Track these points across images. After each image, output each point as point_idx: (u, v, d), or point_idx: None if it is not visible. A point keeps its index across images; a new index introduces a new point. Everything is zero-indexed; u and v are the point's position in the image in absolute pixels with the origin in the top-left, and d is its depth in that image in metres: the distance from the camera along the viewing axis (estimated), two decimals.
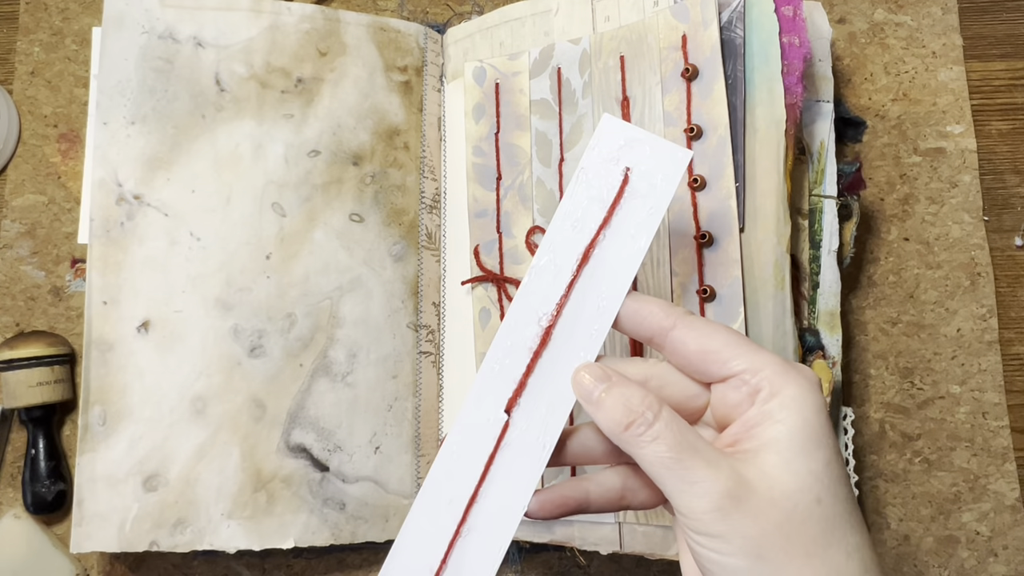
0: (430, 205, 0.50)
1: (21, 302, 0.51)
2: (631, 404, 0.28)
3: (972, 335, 0.48)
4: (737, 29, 0.41)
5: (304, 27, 0.49)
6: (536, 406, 0.31)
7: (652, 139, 0.32)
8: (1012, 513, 0.46)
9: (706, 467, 0.26)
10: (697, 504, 0.26)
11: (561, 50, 0.46)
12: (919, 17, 0.52)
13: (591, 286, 0.31)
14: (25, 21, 0.54)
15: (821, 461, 0.26)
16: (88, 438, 0.44)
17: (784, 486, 0.25)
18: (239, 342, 0.46)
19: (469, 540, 0.31)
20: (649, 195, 0.32)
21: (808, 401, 0.27)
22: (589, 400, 0.29)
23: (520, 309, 0.32)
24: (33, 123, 0.53)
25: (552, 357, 0.31)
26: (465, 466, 0.31)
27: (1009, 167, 0.50)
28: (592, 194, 0.32)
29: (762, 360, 0.27)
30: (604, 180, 0.32)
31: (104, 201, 0.46)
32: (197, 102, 0.47)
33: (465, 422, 0.31)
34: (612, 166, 0.32)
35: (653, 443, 0.27)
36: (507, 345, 0.31)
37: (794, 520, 0.25)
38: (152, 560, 0.48)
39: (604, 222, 0.32)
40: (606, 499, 0.31)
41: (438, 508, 0.31)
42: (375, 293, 0.48)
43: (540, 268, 0.32)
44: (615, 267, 0.31)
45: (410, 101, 0.50)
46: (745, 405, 0.28)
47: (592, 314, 0.31)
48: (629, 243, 0.31)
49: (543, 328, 0.31)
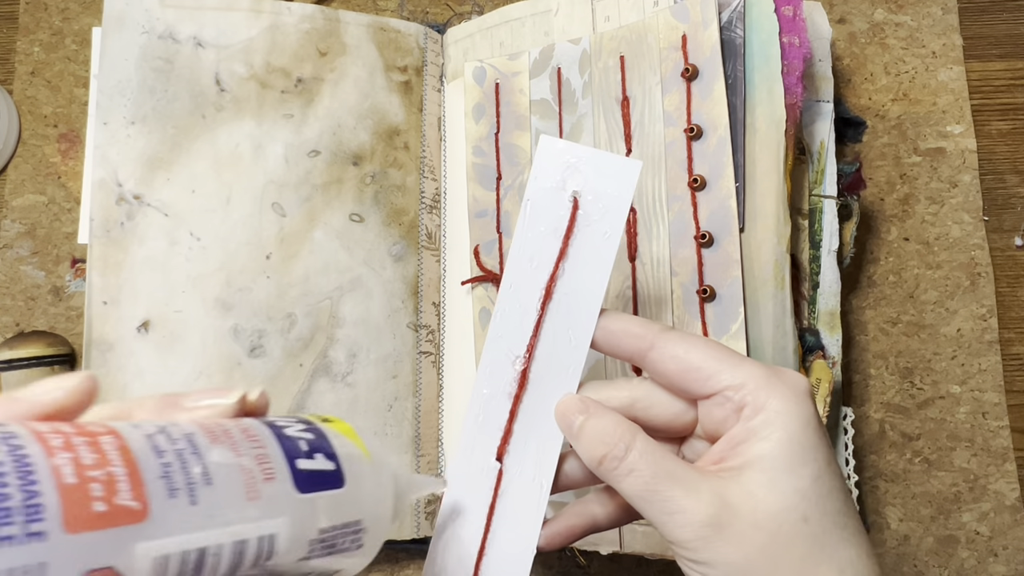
0: (430, 205, 0.50)
1: (21, 302, 0.51)
2: (604, 437, 0.27)
3: (972, 335, 0.48)
4: (737, 29, 0.41)
5: (304, 27, 0.49)
6: (527, 448, 0.30)
7: (595, 155, 0.30)
8: (1012, 513, 0.46)
9: (685, 496, 0.25)
10: (679, 534, 0.25)
11: (561, 50, 0.46)
12: (919, 17, 0.52)
13: (558, 321, 0.30)
14: (25, 21, 0.54)
15: (808, 477, 0.25)
16: None
17: (768, 507, 0.25)
18: (239, 342, 0.46)
19: None
20: (603, 218, 0.30)
21: (793, 414, 0.26)
22: (571, 434, 0.29)
23: (493, 354, 0.31)
24: (33, 123, 0.53)
25: (533, 398, 0.30)
26: (468, 522, 0.31)
27: (1009, 167, 0.50)
28: (542, 228, 0.30)
29: (745, 374, 0.27)
30: (553, 210, 0.30)
31: (104, 201, 0.46)
32: (197, 102, 0.47)
33: (459, 476, 0.31)
34: (559, 193, 0.30)
35: (628, 476, 0.26)
36: (486, 394, 0.31)
37: (779, 541, 0.25)
38: None
39: (560, 254, 0.30)
40: (613, 517, 0.31)
41: (449, 566, 0.30)
42: (375, 293, 0.48)
43: (505, 311, 0.31)
44: (580, 298, 0.30)
45: (410, 101, 0.50)
46: (731, 421, 0.27)
47: (565, 348, 0.30)
48: (590, 271, 0.30)
49: (519, 371, 0.30)
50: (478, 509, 0.31)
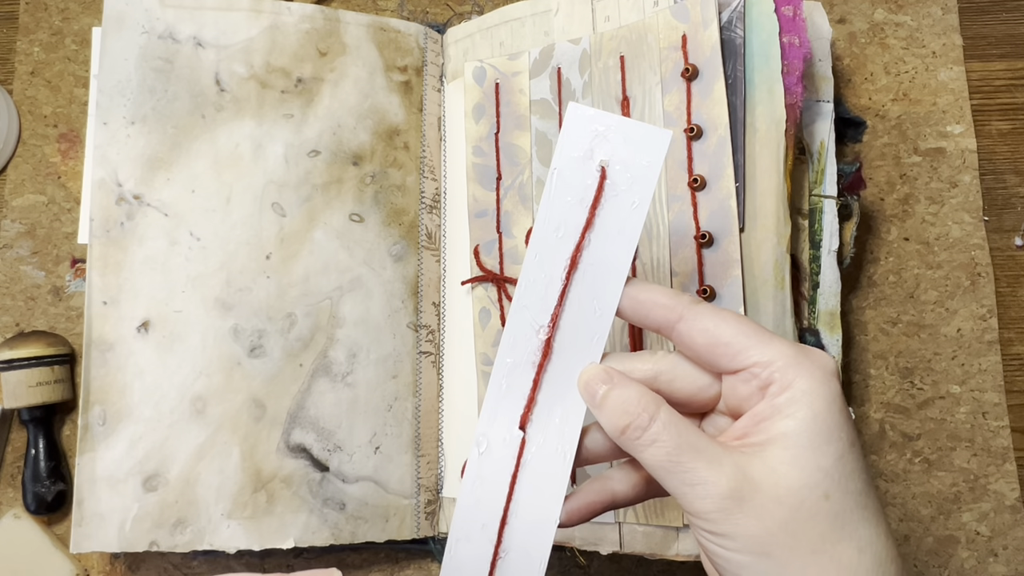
0: (430, 205, 0.50)
1: (21, 302, 0.51)
2: (627, 407, 0.27)
3: (972, 335, 0.48)
4: (737, 29, 0.41)
5: (304, 27, 0.49)
6: (550, 418, 0.30)
7: (625, 124, 0.30)
8: (1012, 513, 0.46)
9: (707, 468, 0.26)
10: (700, 505, 0.25)
11: (561, 50, 0.46)
12: (919, 17, 0.52)
13: (584, 291, 0.30)
14: (25, 21, 0.54)
15: (832, 456, 0.25)
16: (88, 438, 0.44)
17: (790, 482, 0.25)
18: (239, 342, 0.46)
19: (509, 561, 0.31)
20: (631, 188, 0.30)
21: (820, 394, 0.26)
22: (593, 403, 0.29)
23: (517, 324, 0.31)
24: (33, 123, 0.53)
25: (557, 367, 0.30)
26: (491, 489, 0.31)
27: (1009, 167, 0.50)
28: (569, 197, 0.30)
29: (774, 352, 0.26)
30: (580, 180, 0.30)
31: (104, 201, 0.46)
32: (197, 102, 0.47)
33: (482, 444, 0.31)
34: (586, 162, 0.30)
35: (651, 447, 0.27)
36: (509, 363, 0.31)
37: (799, 517, 0.25)
38: (152, 560, 0.48)
39: (587, 224, 0.30)
40: (632, 493, 0.31)
41: (472, 535, 0.31)
42: (375, 293, 0.48)
43: (529, 281, 0.30)
44: (606, 269, 0.30)
45: (410, 101, 0.50)
46: (756, 398, 0.27)
47: (590, 318, 0.30)
48: (616, 242, 0.30)
49: (542, 340, 0.30)
50: (500, 478, 0.30)
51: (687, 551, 0.40)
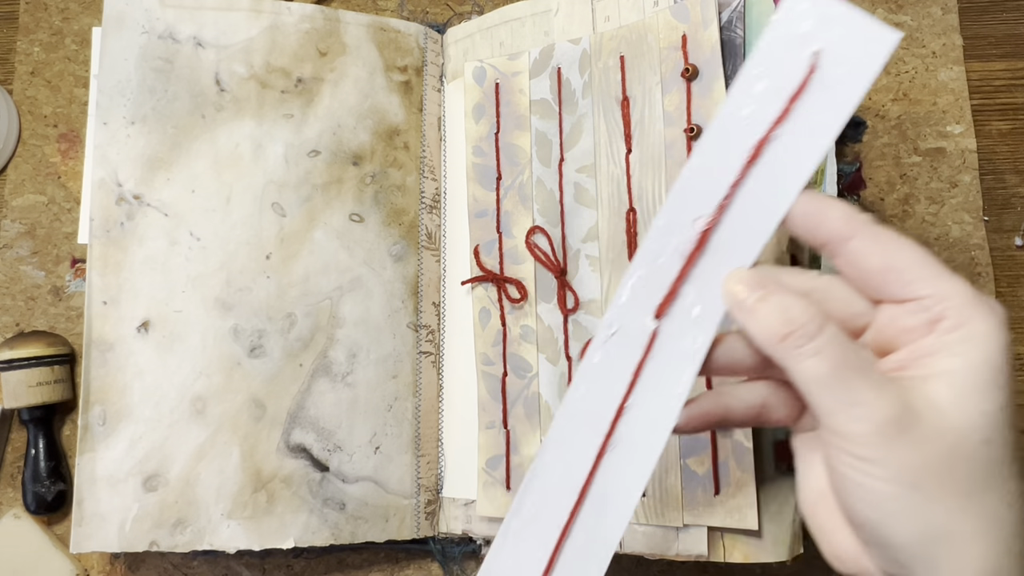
0: (430, 205, 0.50)
1: (21, 302, 0.51)
2: (791, 314, 0.26)
3: None
4: (737, 29, 0.41)
5: (304, 27, 0.49)
6: (689, 314, 0.28)
7: (852, 15, 0.27)
8: None
9: (871, 389, 0.24)
10: (856, 427, 0.24)
11: (561, 50, 0.46)
12: (919, 17, 0.52)
13: (757, 188, 0.27)
14: (25, 21, 0.54)
15: (996, 403, 0.24)
16: (88, 438, 0.44)
17: (953, 420, 0.24)
18: (239, 342, 0.46)
19: (617, 453, 0.29)
20: (838, 86, 0.27)
21: (994, 337, 0.24)
22: (742, 308, 0.27)
23: (673, 212, 0.28)
24: (33, 123, 0.53)
25: (708, 262, 0.28)
26: (612, 376, 0.29)
27: (1009, 167, 0.50)
28: (771, 83, 0.27)
29: (951, 287, 0.25)
30: (785, 65, 0.27)
31: (104, 201, 0.46)
32: (197, 102, 0.47)
33: (613, 328, 0.29)
34: (798, 49, 0.27)
35: (814, 358, 0.25)
36: (656, 249, 0.28)
37: (958, 455, 0.24)
38: (152, 560, 0.48)
39: (782, 115, 0.27)
40: (746, 414, 0.30)
41: (586, 420, 0.29)
42: (375, 293, 0.48)
43: (699, 167, 0.28)
44: (788, 168, 0.27)
45: (410, 101, 0.50)
46: (920, 332, 0.25)
47: (755, 218, 0.27)
48: (808, 141, 0.27)
49: (699, 231, 0.28)
50: (625, 365, 0.29)
51: (687, 551, 0.40)
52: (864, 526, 0.25)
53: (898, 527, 0.24)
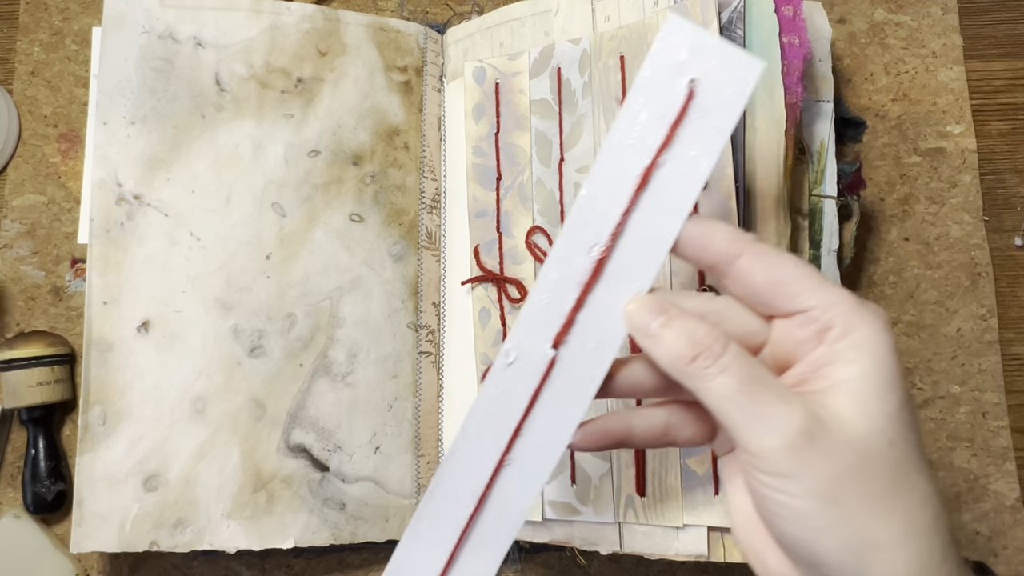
0: (430, 205, 0.50)
1: (21, 302, 0.51)
2: (696, 337, 0.26)
3: (972, 335, 0.48)
4: (737, 29, 0.41)
5: (304, 27, 0.49)
6: (586, 341, 0.29)
7: (722, 46, 0.28)
8: (1012, 513, 0.46)
9: (779, 402, 0.25)
10: (768, 441, 0.24)
11: (561, 50, 0.46)
12: (919, 17, 0.52)
13: (647, 215, 0.29)
14: (25, 21, 0.54)
15: (895, 403, 0.25)
16: (88, 438, 0.44)
17: (858, 428, 0.24)
18: (239, 342, 0.46)
19: (512, 469, 0.30)
20: (716, 112, 0.28)
21: (881, 340, 0.25)
22: (646, 334, 0.27)
23: (569, 241, 0.29)
24: (33, 123, 0.53)
25: (604, 290, 0.29)
26: (510, 400, 0.30)
27: (1009, 167, 0.50)
28: (653, 111, 0.29)
29: (834, 297, 0.26)
30: (665, 95, 0.28)
31: (104, 201, 0.46)
32: (197, 102, 0.47)
33: (512, 354, 0.30)
34: (676, 77, 0.28)
35: (721, 375, 0.25)
36: (554, 279, 0.30)
37: (868, 463, 0.24)
38: (152, 560, 0.48)
39: (665, 142, 0.28)
40: (649, 433, 0.31)
41: (483, 438, 0.31)
42: (375, 293, 0.48)
43: (592, 196, 0.29)
44: (675, 192, 0.28)
45: (410, 101, 0.50)
46: (812, 343, 0.26)
47: (649, 243, 0.29)
48: (691, 165, 0.28)
49: (594, 259, 0.29)
50: (522, 391, 0.30)
51: (687, 551, 0.40)
52: (791, 546, 0.26)
53: (823, 543, 0.24)
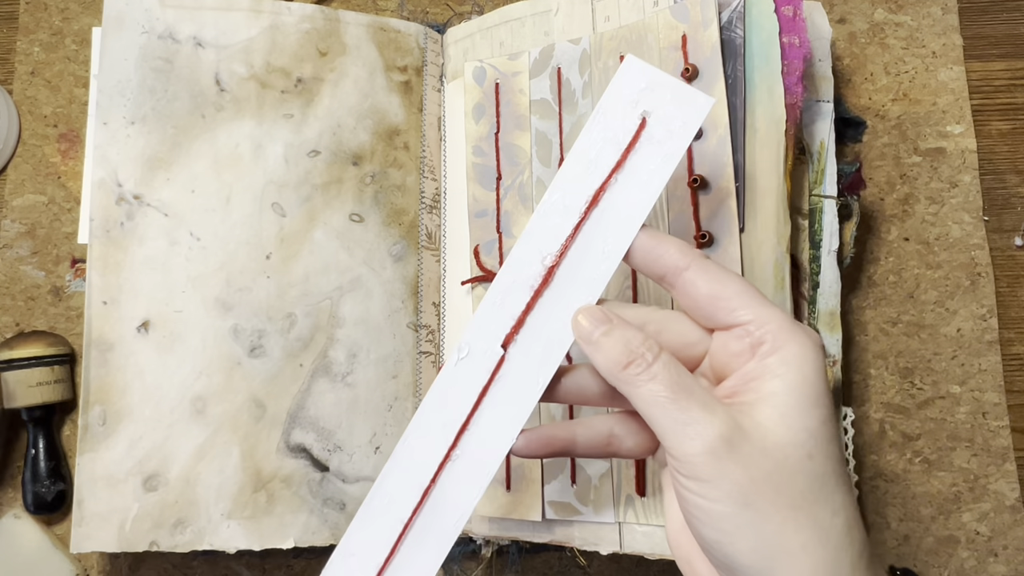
0: (430, 205, 0.50)
1: (21, 302, 0.51)
2: (631, 345, 0.28)
3: (972, 335, 0.48)
4: (737, 29, 0.41)
5: (304, 27, 0.49)
6: (533, 344, 0.31)
7: (674, 84, 0.32)
8: (1012, 513, 0.46)
9: (702, 409, 0.26)
10: (690, 445, 0.26)
11: (561, 50, 0.46)
12: (919, 17, 0.52)
13: (599, 229, 0.31)
14: (25, 21, 0.54)
15: (817, 419, 0.26)
16: (88, 438, 0.44)
17: (777, 438, 0.26)
18: (239, 342, 0.46)
19: (458, 464, 0.32)
20: (666, 141, 0.31)
21: (809, 359, 0.27)
22: (588, 341, 0.29)
23: (525, 247, 0.32)
24: (33, 123, 0.53)
25: (553, 297, 0.31)
26: (460, 395, 0.32)
27: (1009, 167, 0.50)
28: (607, 136, 0.32)
29: (769, 314, 0.28)
30: (621, 122, 0.32)
31: (104, 201, 0.46)
32: (197, 102, 0.47)
33: (464, 351, 0.32)
34: (631, 108, 0.32)
35: (651, 382, 0.27)
36: (508, 281, 0.32)
37: (784, 472, 0.25)
38: (152, 560, 0.48)
39: (617, 165, 0.31)
40: (593, 443, 0.32)
41: (431, 431, 0.32)
42: (375, 293, 0.48)
43: (549, 207, 0.32)
44: (625, 212, 0.31)
45: (410, 101, 0.50)
46: (745, 356, 0.28)
47: (597, 257, 0.31)
48: (641, 188, 0.31)
49: (546, 267, 0.31)
50: (472, 386, 0.32)
51: None
52: (709, 549, 0.27)
53: (737, 546, 0.26)
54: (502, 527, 0.44)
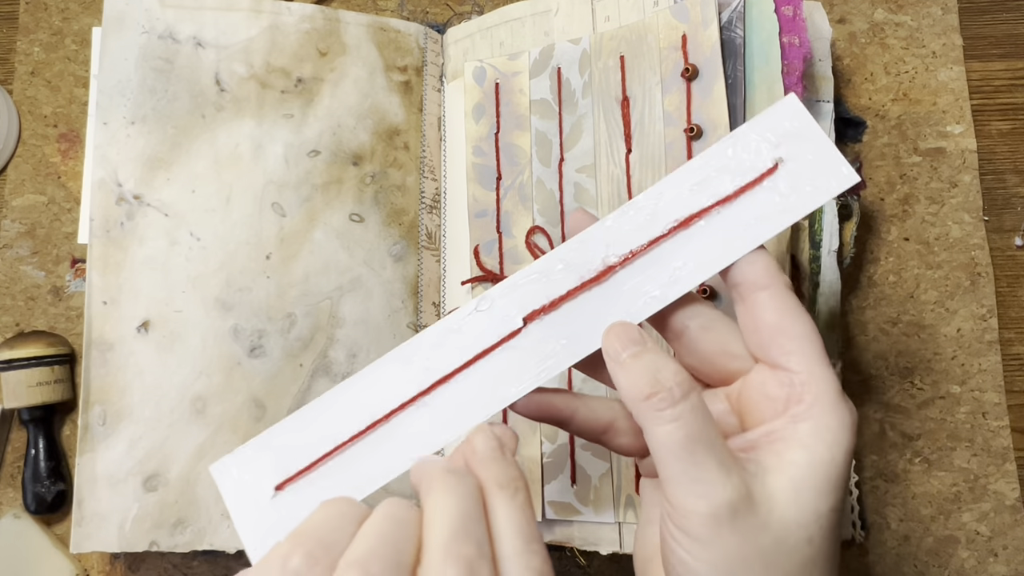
0: (430, 205, 0.50)
1: (21, 302, 0.51)
2: (660, 375, 0.25)
3: (972, 335, 0.48)
4: (737, 29, 0.41)
5: (304, 27, 0.49)
6: (557, 333, 0.29)
7: (823, 144, 0.28)
8: (1012, 513, 0.46)
9: (718, 468, 0.24)
10: (694, 503, 0.24)
11: (561, 50, 0.46)
12: (919, 17, 0.52)
13: (678, 252, 0.28)
14: (25, 21, 0.54)
15: (828, 504, 0.25)
16: (88, 438, 0.44)
17: (783, 514, 0.24)
18: (239, 342, 0.46)
19: (418, 413, 0.29)
20: (788, 196, 0.28)
21: (842, 440, 0.25)
22: (616, 360, 0.27)
23: (593, 236, 0.29)
24: (33, 123, 0.53)
25: (598, 297, 0.29)
26: (457, 345, 0.29)
27: (1009, 167, 0.50)
28: (730, 163, 0.29)
29: (822, 375, 0.26)
30: (751, 156, 0.29)
31: (104, 201, 0.46)
32: (197, 102, 0.47)
33: (483, 306, 0.29)
34: (767, 147, 0.29)
35: (671, 423, 0.25)
36: (560, 261, 0.29)
37: (780, 551, 0.24)
38: (152, 560, 0.48)
39: (727, 198, 0.28)
40: (590, 425, 0.30)
41: (412, 367, 0.29)
42: (375, 293, 0.48)
43: (637, 207, 0.29)
44: (713, 248, 0.28)
45: (410, 101, 0.50)
46: (778, 407, 0.26)
47: (664, 278, 0.28)
48: (740, 232, 0.28)
49: (606, 265, 0.29)
50: (475, 343, 0.29)
51: None
52: None
53: None
54: None
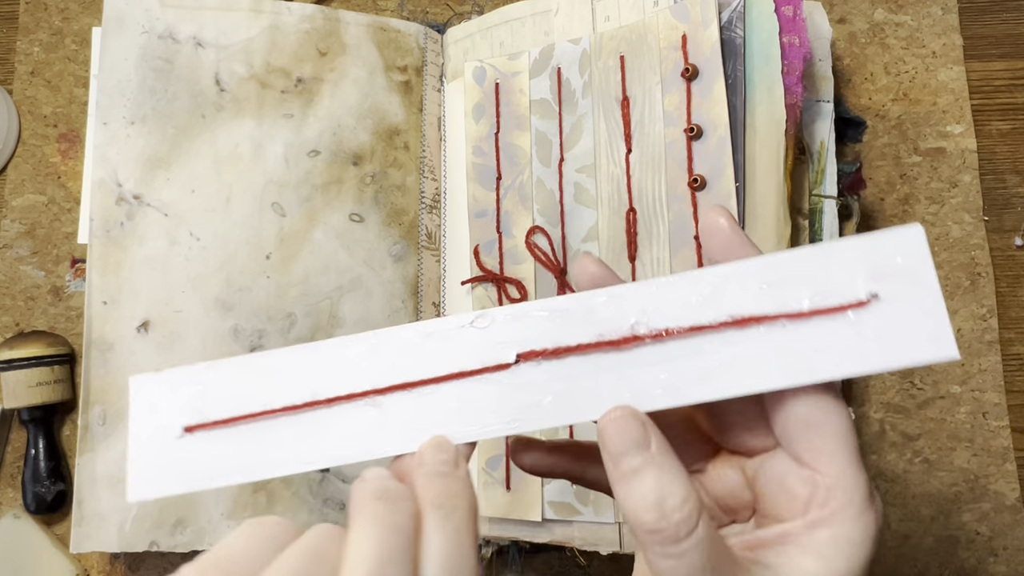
0: (430, 205, 0.50)
1: (21, 302, 0.51)
2: (666, 505, 0.22)
3: (972, 335, 0.48)
4: (737, 29, 0.41)
5: (304, 27, 0.49)
6: (549, 387, 0.24)
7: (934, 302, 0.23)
8: (1012, 513, 0.46)
9: None
10: None
11: (561, 50, 0.46)
12: (919, 17, 0.52)
13: (717, 352, 0.24)
14: (25, 21, 0.54)
15: None
16: (88, 438, 0.44)
17: None
18: (239, 342, 0.46)
19: (362, 413, 0.26)
20: (869, 342, 0.23)
21: (861, 552, 0.23)
22: (615, 463, 0.23)
23: (628, 296, 0.24)
24: (33, 123, 0.53)
25: (612, 364, 0.24)
26: (439, 355, 0.25)
27: (1009, 167, 0.50)
28: (816, 277, 0.24)
29: (852, 480, 0.23)
30: (840, 278, 0.24)
31: (104, 201, 0.46)
32: (197, 102, 0.47)
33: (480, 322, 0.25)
34: (865, 277, 0.23)
35: (674, 560, 0.22)
36: (583, 309, 0.25)
37: None
38: (152, 560, 0.48)
39: (798, 314, 0.23)
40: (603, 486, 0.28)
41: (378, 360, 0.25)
42: (375, 293, 0.48)
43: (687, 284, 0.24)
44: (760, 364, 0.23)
45: (410, 101, 0.50)
46: (797, 507, 0.24)
47: (694, 373, 0.24)
48: (799, 360, 0.23)
49: (632, 333, 0.24)
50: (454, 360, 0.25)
51: None
52: None
53: None
54: (502, 527, 0.44)
